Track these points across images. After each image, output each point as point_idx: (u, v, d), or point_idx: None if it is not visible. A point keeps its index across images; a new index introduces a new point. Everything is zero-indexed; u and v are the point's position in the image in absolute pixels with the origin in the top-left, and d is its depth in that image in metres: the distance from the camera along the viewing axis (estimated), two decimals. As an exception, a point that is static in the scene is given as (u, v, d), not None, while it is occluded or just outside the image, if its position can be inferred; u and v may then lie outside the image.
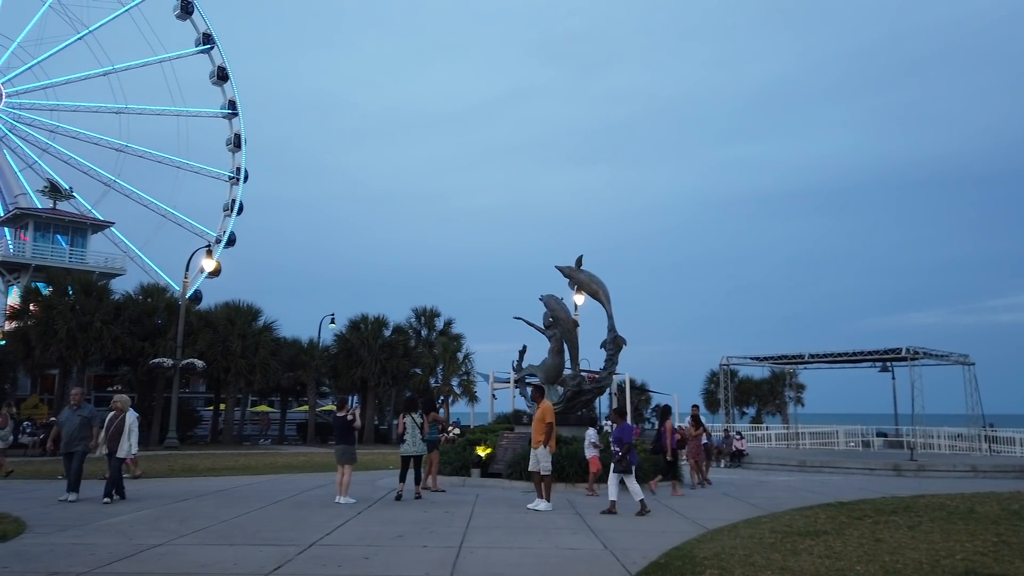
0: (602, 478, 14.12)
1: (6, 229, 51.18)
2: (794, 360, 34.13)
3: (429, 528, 10.33)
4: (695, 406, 18.10)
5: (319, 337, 47.26)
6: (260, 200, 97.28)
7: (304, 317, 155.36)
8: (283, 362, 43.36)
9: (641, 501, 12.03)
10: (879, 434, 37.46)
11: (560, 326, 18.63)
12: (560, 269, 19.00)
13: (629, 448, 12.36)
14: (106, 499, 12.63)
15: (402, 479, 13.86)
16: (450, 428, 30.67)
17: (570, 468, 15.61)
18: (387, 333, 45.90)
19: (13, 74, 55.29)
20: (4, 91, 53.96)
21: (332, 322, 48.44)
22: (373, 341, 44.52)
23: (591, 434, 15.36)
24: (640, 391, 50.19)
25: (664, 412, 17.40)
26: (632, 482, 12.23)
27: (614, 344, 18.48)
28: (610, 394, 30.71)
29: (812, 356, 32.98)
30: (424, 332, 47.72)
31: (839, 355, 32.29)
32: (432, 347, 46.24)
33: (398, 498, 13.52)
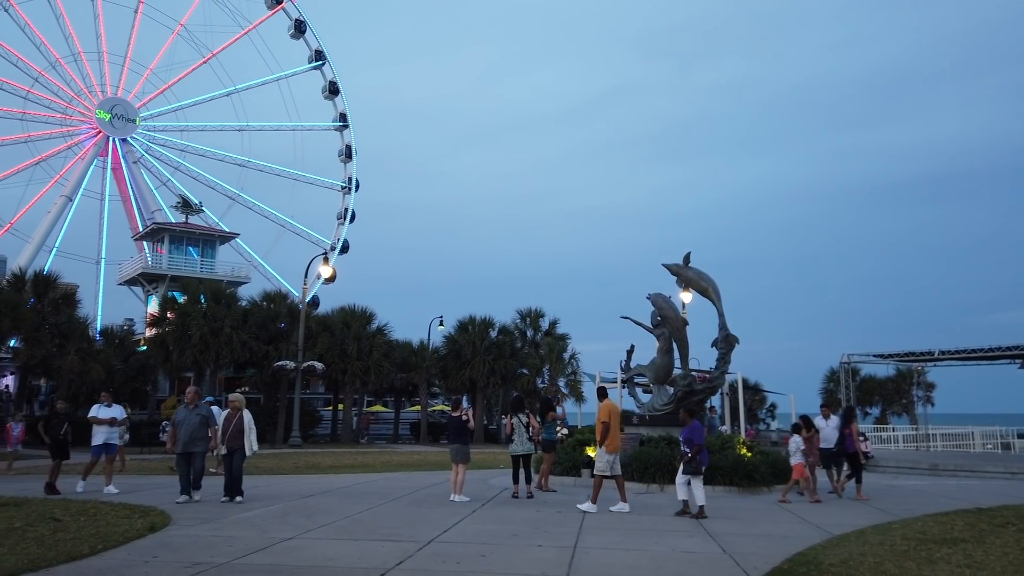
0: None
1: (145, 243, 55.39)
2: (923, 357, 32.07)
3: (543, 527, 10.41)
4: (824, 407, 16.97)
5: (428, 339, 48.58)
6: (371, 208, 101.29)
7: (413, 320, 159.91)
8: (395, 364, 44.79)
9: (701, 507, 11.66)
10: (1020, 435, 34.65)
11: (668, 325, 18.31)
12: (667, 267, 18.68)
13: (699, 449, 12.02)
14: (224, 498, 12.67)
15: (515, 479, 14.05)
16: (558, 428, 30.72)
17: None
18: (493, 334, 46.53)
19: (151, 104, 59.81)
20: (140, 116, 58.37)
21: (441, 324, 49.64)
22: (480, 342, 45.24)
23: (797, 441, 14.91)
24: (754, 391, 48.57)
25: (848, 414, 16.35)
26: (698, 485, 11.88)
27: (726, 342, 17.97)
28: (722, 394, 29.85)
29: (943, 353, 30.88)
30: (530, 333, 48.06)
31: (974, 351, 30.08)
32: (538, 348, 46.51)
33: (514, 497, 13.71)
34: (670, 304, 18.64)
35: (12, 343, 33.23)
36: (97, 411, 14.98)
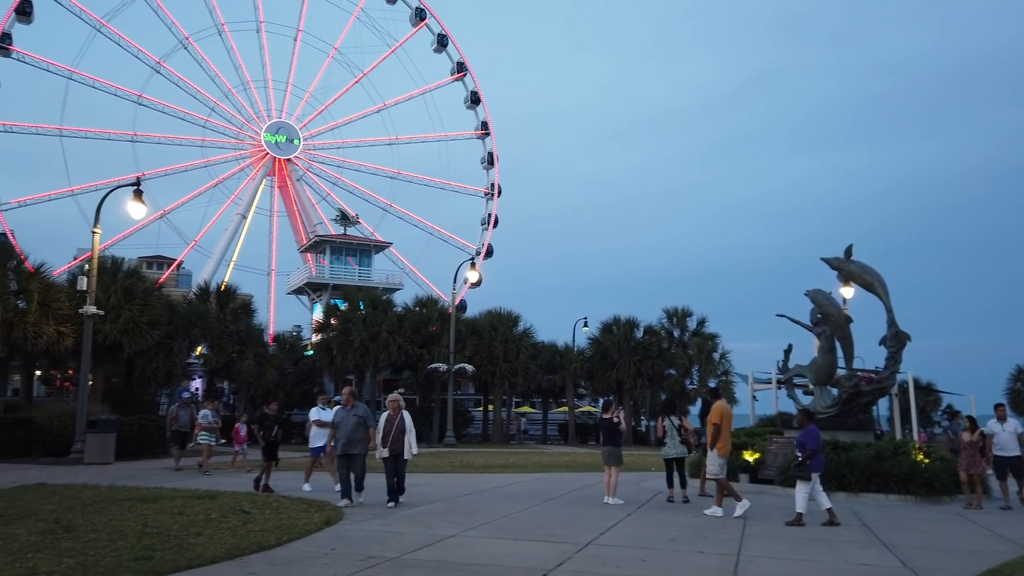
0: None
1: (309, 255, 59.47)
2: None
3: (702, 533, 10.17)
4: (999, 406, 15.40)
5: (573, 340, 48.74)
6: (513, 212, 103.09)
7: (557, 321, 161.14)
8: (541, 365, 45.31)
9: (799, 514, 10.96)
10: None
11: (830, 322, 17.30)
12: (827, 261, 17.67)
13: (812, 454, 11.23)
14: (390, 503, 12.24)
15: (669, 483, 13.83)
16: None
17: (852, 476, 14.46)
18: (639, 335, 45.90)
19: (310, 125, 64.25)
20: (302, 136, 62.80)
21: (585, 326, 49.68)
22: (625, 343, 44.79)
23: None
24: (927, 391, 44.75)
25: None
26: (802, 491, 11.14)
27: (896, 340, 16.74)
28: (891, 396, 27.77)
29: None
30: (676, 332, 46.99)
31: None
32: (686, 347, 45.38)
33: (669, 501, 13.50)
34: (831, 300, 17.62)
35: (203, 349, 36.76)
36: (319, 414, 15.17)
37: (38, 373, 36.11)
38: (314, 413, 15.48)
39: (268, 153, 61.45)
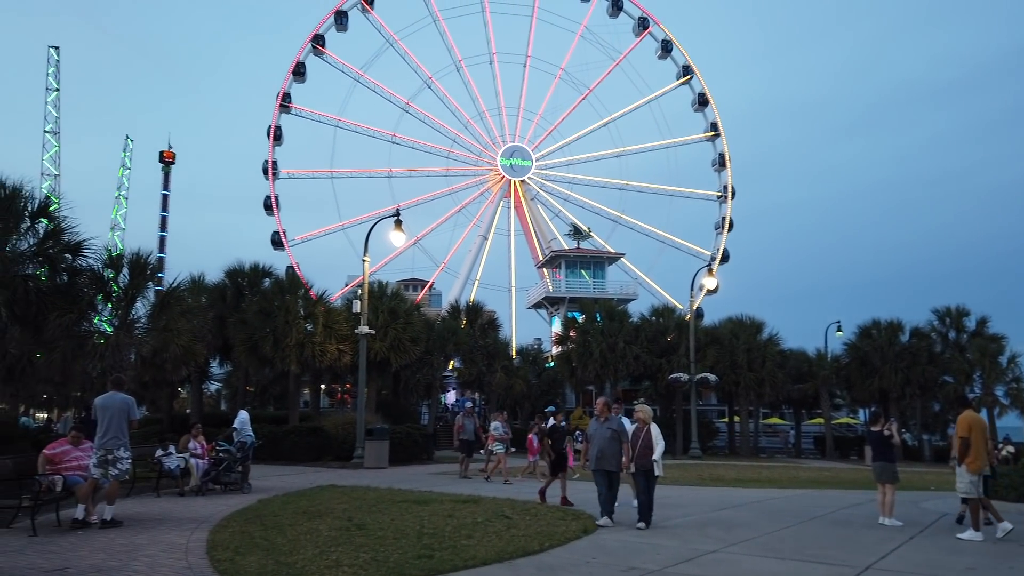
0: None
1: (545, 270, 61.61)
2: None
3: (1008, 561, 8.91)
4: None
5: (825, 346, 45.30)
6: (749, 214, 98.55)
7: (804, 327, 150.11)
8: (790, 374, 42.67)
9: None
10: None
11: None
12: None
13: None
14: (640, 523, 11.08)
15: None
16: (1001, 445, 26.17)
17: None
18: (904, 338, 41.50)
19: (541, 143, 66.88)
20: (534, 157, 65.45)
21: (839, 330, 45.92)
22: (889, 348, 40.71)
23: None
24: None
25: None
26: None
27: None
28: None
29: None
30: (952, 335, 41.76)
31: None
32: (963, 351, 40.15)
33: (958, 521, 12.01)
34: None
35: (456, 363, 39.67)
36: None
37: (323, 387, 41.22)
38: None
39: (504, 176, 64.79)
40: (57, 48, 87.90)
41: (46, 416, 50.24)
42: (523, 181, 65.60)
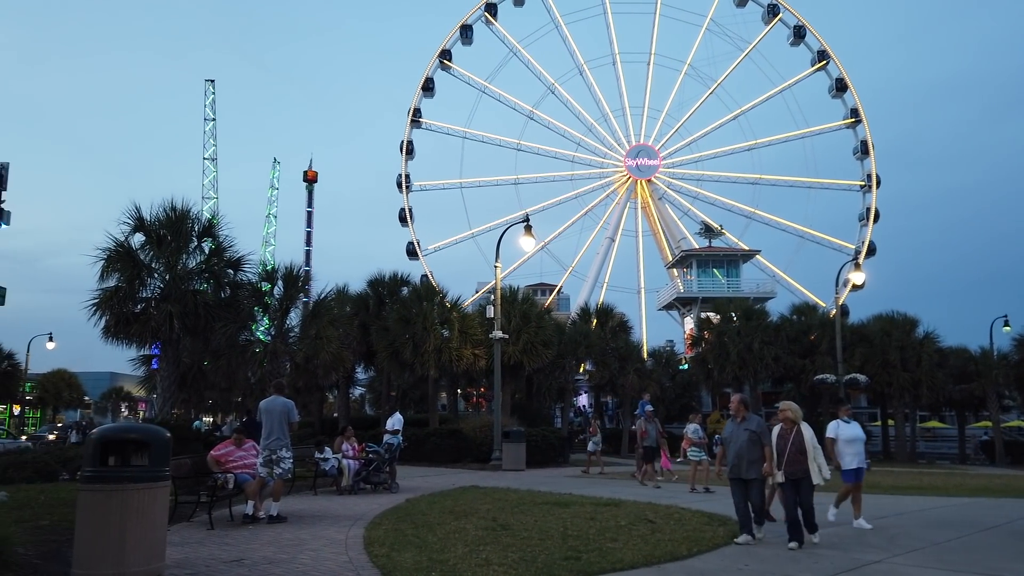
0: None
1: (675, 270, 60.37)
2: None
3: None
4: None
5: (991, 343, 41.55)
6: (895, 203, 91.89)
7: (963, 323, 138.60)
8: (951, 374, 39.47)
9: None
10: None
11: None
12: None
13: None
14: (792, 543, 9.60)
15: None
16: None
17: None
18: (1088, 332, 37.40)
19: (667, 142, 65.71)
20: (661, 156, 64.34)
21: (1006, 325, 42.05)
22: (1069, 343, 36.79)
23: None
24: None
25: None
26: None
27: None
28: None
29: None
30: None
31: None
32: None
33: None
34: None
35: (587, 366, 39.65)
36: (839, 429, 12.26)
37: (459, 391, 42.37)
38: (831, 429, 12.31)
39: (631, 176, 64.11)
40: (213, 81, 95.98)
41: (211, 420, 54.70)
42: (650, 180, 64.67)
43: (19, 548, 7.72)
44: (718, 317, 42.57)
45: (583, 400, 52.13)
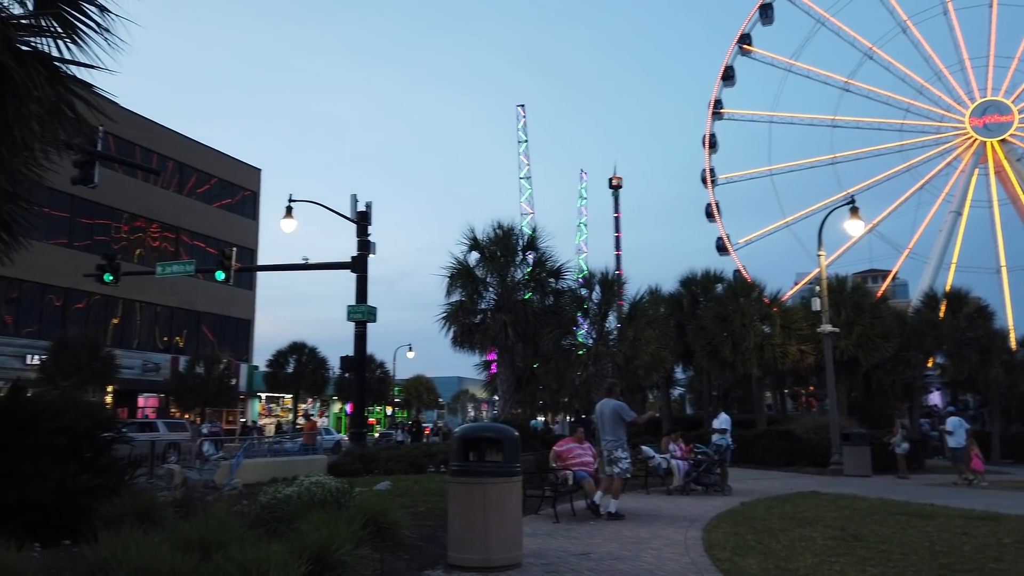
0: None
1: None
2: None
3: None
4: None
5: None
6: None
7: None
8: None
9: None
10: None
11: None
12: None
13: None
14: None
15: None
16: None
17: None
18: None
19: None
20: (1016, 110, 54.39)
21: None
22: None
23: None
24: None
25: None
26: None
27: None
28: None
29: None
30: None
31: None
32: None
33: None
34: None
35: (937, 360, 34.86)
36: None
37: (785, 390, 40.05)
38: None
39: (977, 138, 55.19)
40: (523, 106, 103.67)
41: (542, 419, 58.72)
42: (1003, 140, 54.97)
43: (405, 531, 8.98)
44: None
45: (935, 398, 45.85)
